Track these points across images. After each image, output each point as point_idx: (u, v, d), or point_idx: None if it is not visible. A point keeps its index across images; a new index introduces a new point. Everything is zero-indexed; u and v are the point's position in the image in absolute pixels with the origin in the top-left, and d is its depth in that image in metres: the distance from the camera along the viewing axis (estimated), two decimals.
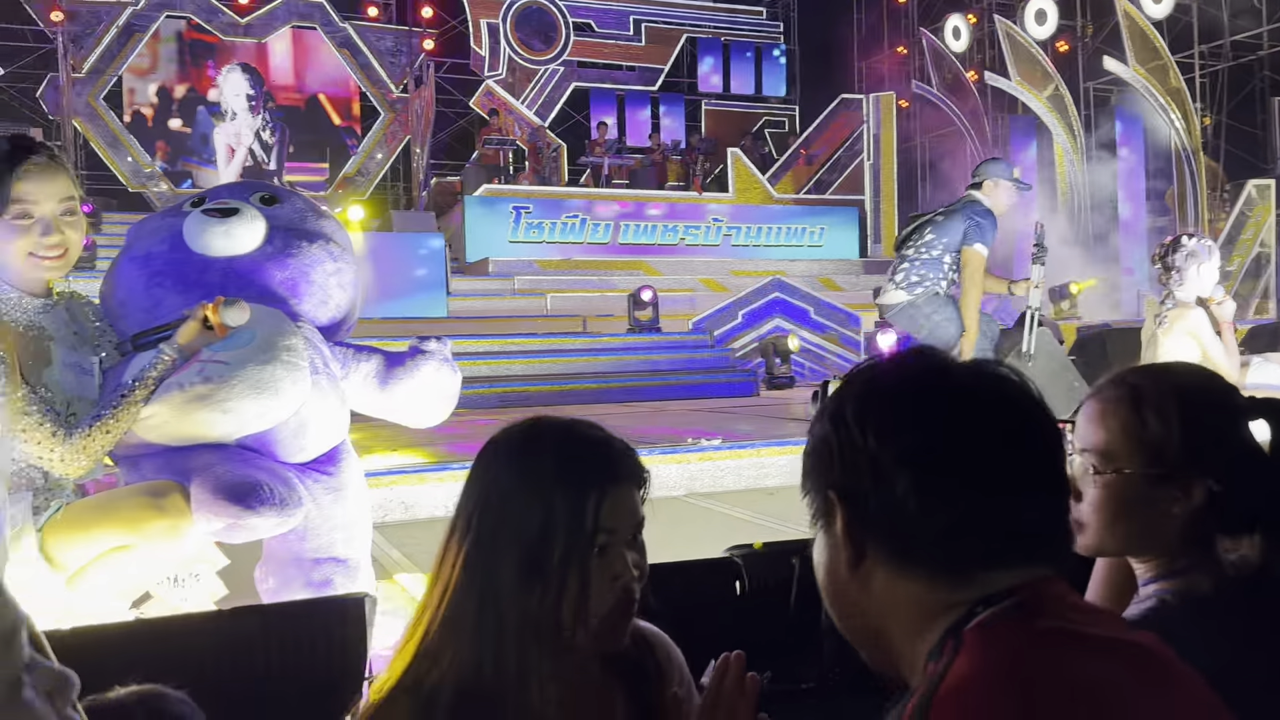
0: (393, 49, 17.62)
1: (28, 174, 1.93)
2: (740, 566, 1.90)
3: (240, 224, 2.32)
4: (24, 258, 1.96)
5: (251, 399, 2.07)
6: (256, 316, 2.12)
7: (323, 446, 2.31)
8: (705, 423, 6.23)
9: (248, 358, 2.07)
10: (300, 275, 2.34)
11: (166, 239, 2.32)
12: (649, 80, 19.08)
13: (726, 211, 15.44)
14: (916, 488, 0.76)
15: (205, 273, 2.28)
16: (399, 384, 2.45)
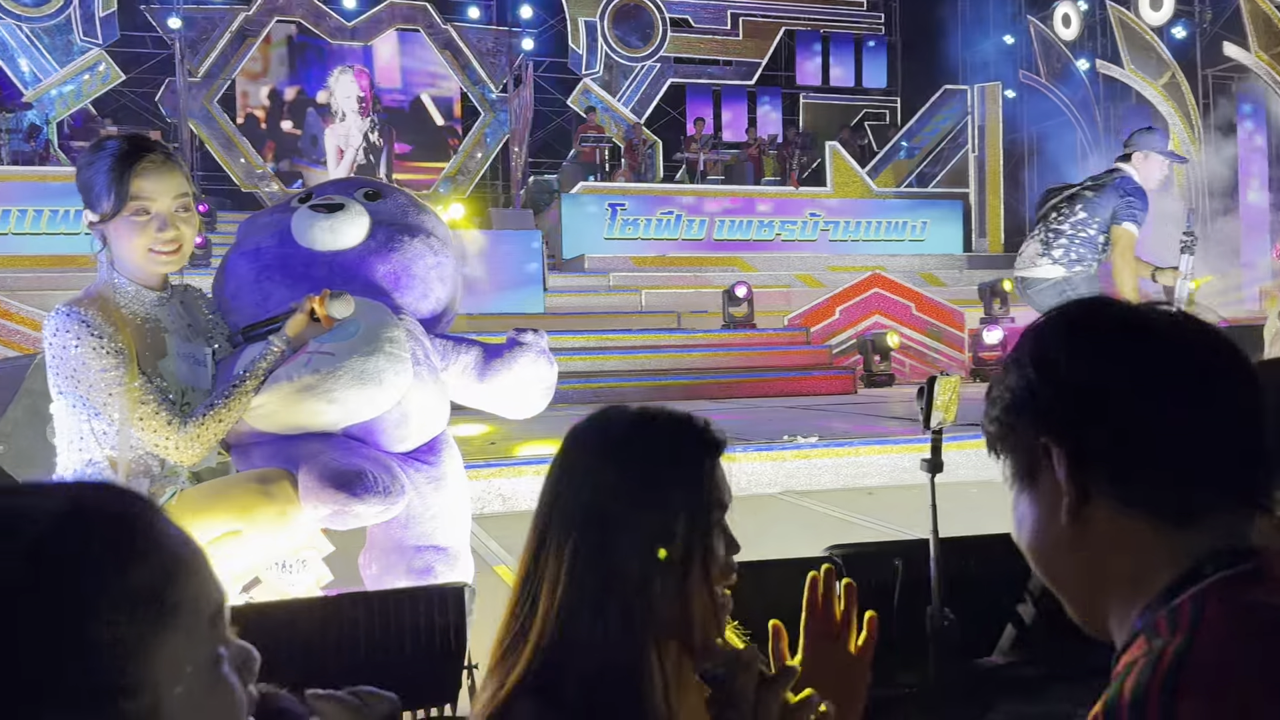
0: (493, 49, 17.87)
1: (144, 172, 1.99)
2: (840, 566, 1.86)
3: (345, 219, 2.37)
4: (143, 253, 2.02)
5: (356, 389, 2.12)
6: (360, 309, 2.16)
7: (424, 436, 2.34)
8: (801, 420, 6.14)
9: (352, 349, 2.12)
10: (402, 269, 2.38)
11: (275, 234, 2.39)
12: (746, 75, 18.94)
13: (824, 206, 15.23)
14: (1144, 420, 0.73)
15: (312, 266, 2.33)
16: (497, 376, 2.48)
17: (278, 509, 2.03)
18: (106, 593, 0.55)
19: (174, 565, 0.59)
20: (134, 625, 0.55)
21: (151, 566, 0.58)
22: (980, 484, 4.63)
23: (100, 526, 0.58)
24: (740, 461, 4.45)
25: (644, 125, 17.53)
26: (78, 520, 0.57)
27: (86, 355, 1.95)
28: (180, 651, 0.57)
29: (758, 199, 15.22)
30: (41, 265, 11.46)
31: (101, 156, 2.01)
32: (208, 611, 0.60)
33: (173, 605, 0.57)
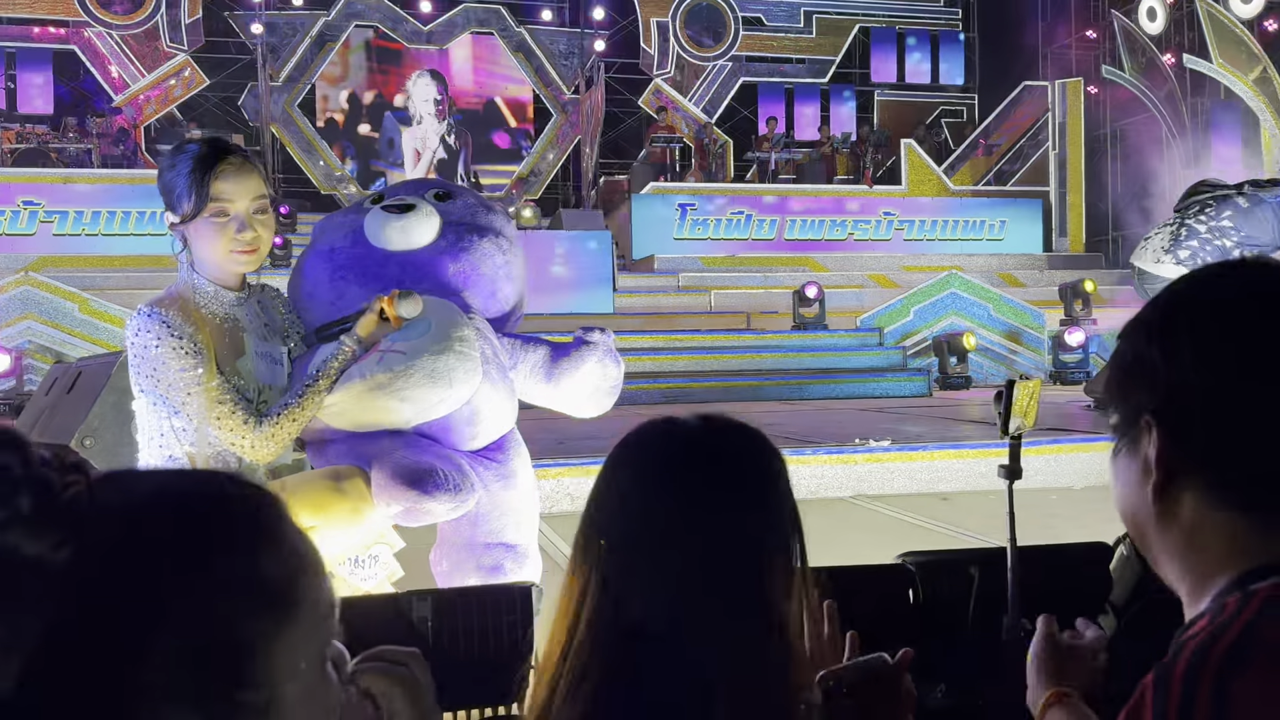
0: (565, 51, 17.98)
1: (223, 173, 2.02)
2: (914, 575, 1.81)
3: (416, 220, 2.40)
4: (222, 253, 2.05)
5: (428, 388, 2.14)
6: (431, 307, 2.19)
7: (493, 434, 2.36)
8: (874, 423, 6.05)
9: (423, 347, 2.14)
10: (471, 269, 2.41)
11: (349, 235, 2.43)
12: (819, 73, 18.76)
13: (899, 204, 15.00)
14: (1241, 417, 0.72)
15: (385, 266, 2.37)
16: (564, 376, 2.48)
17: (351, 505, 2.06)
18: (241, 585, 0.56)
19: (300, 562, 0.60)
20: (262, 619, 0.56)
21: (283, 561, 0.59)
22: (1060, 491, 4.51)
23: (238, 518, 0.58)
24: (811, 464, 4.39)
25: (715, 125, 17.46)
26: (220, 509, 0.58)
27: (166, 355, 1.99)
28: (298, 647, 0.58)
29: (830, 198, 15.06)
30: (129, 265, 11.84)
31: (182, 159, 2.05)
32: (323, 609, 0.61)
33: (296, 601, 0.58)
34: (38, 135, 14.20)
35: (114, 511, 0.56)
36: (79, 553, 0.53)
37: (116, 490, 0.58)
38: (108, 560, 0.54)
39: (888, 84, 19.03)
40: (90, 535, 0.54)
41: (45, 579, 0.52)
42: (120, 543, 0.55)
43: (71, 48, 16.04)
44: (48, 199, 12.43)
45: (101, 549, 0.54)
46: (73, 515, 0.54)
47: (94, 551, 0.54)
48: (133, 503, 0.57)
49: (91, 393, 4.15)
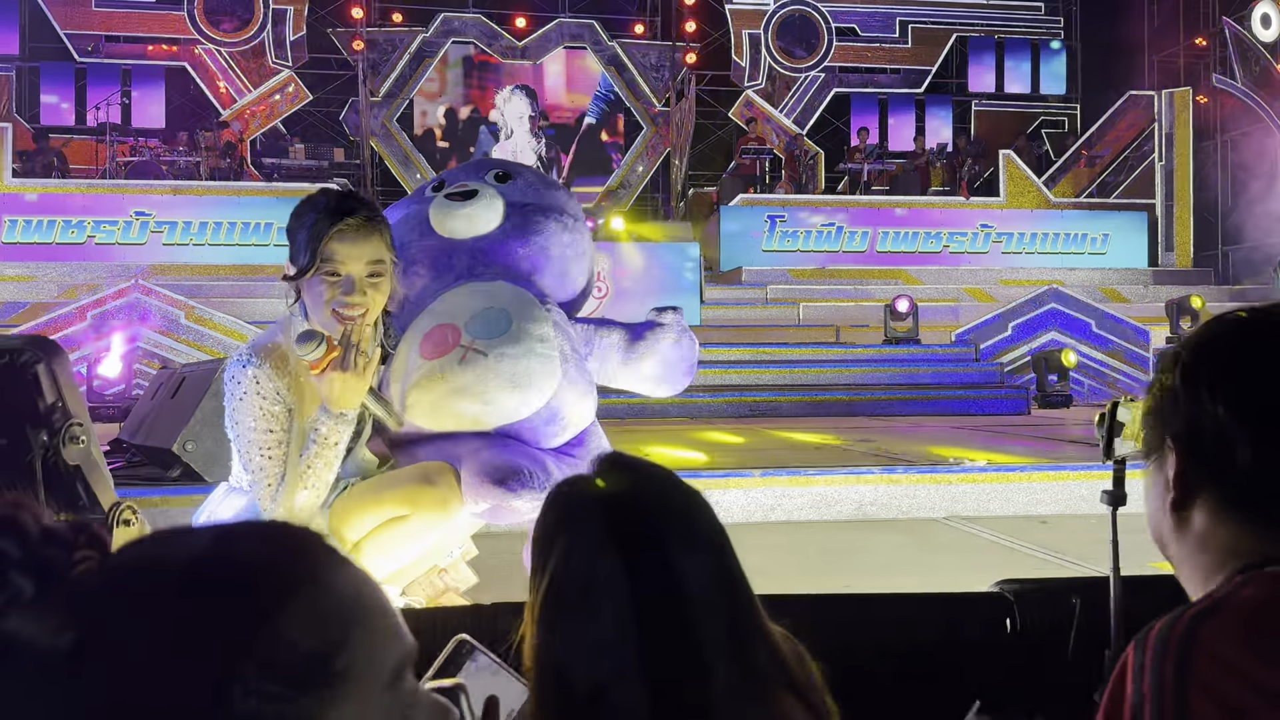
0: (656, 64, 18.05)
1: (340, 234, 2.00)
2: (1011, 603, 1.73)
3: (480, 206, 2.40)
4: (327, 313, 2.04)
5: (508, 392, 2.15)
6: (507, 296, 2.19)
7: (573, 431, 2.35)
8: (969, 441, 5.88)
9: (503, 349, 2.15)
10: (540, 251, 2.41)
11: (416, 227, 2.44)
12: (914, 83, 18.45)
13: (996, 217, 14.64)
14: (1257, 447, 0.82)
15: (454, 256, 2.38)
16: (640, 359, 2.47)
17: (440, 495, 2.09)
18: (266, 661, 0.49)
19: (344, 626, 0.52)
20: (294, 698, 0.49)
21: (318, 629, 0.51)
22: None
23: (267, 580, 0.51)
24: (902, 484, 4.27)
25: (806, 136, 17.31)
26: (244, 573, 0.51)
27: (245, 411, 2.03)
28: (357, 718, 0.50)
29: (924, 209, 14.78)
30: (234, 274, 12.25)
31: (308, 212, 2.04)
32: (384, 673, 0.53)
33: (341, 672, 0.50)
34: (150, 149, 14.81)
35: (125, 592, 0.50)
36: (84, 638, 0.48)
37: (134, 566, 0.52)
38: (114, 648, 0.48)
39: (986, 94, 18.62)
40: (96, 619, 0.49)
41: (48, 667, 0.47)
42: (129, 628, 0.48)
43: (183, 64, 16.71)
44: (158, 210, 12.96)
45: (108, 635, 0.48)
46: (79, 597, 0.49)
47: (100, 637, 0.48)
48: (148, 580, 0.51)
49: (194, 398, 4.29)
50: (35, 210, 12.73)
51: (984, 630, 1.72)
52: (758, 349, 10.29)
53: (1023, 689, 1.72)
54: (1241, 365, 0.85)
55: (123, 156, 14.70)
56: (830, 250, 14.24)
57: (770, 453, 5.46)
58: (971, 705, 1.71)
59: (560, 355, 2.24)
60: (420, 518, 2.11)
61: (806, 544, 3.80)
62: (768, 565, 3.36)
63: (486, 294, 2.27)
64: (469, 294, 2.28)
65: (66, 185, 13.46)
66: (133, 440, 4.76)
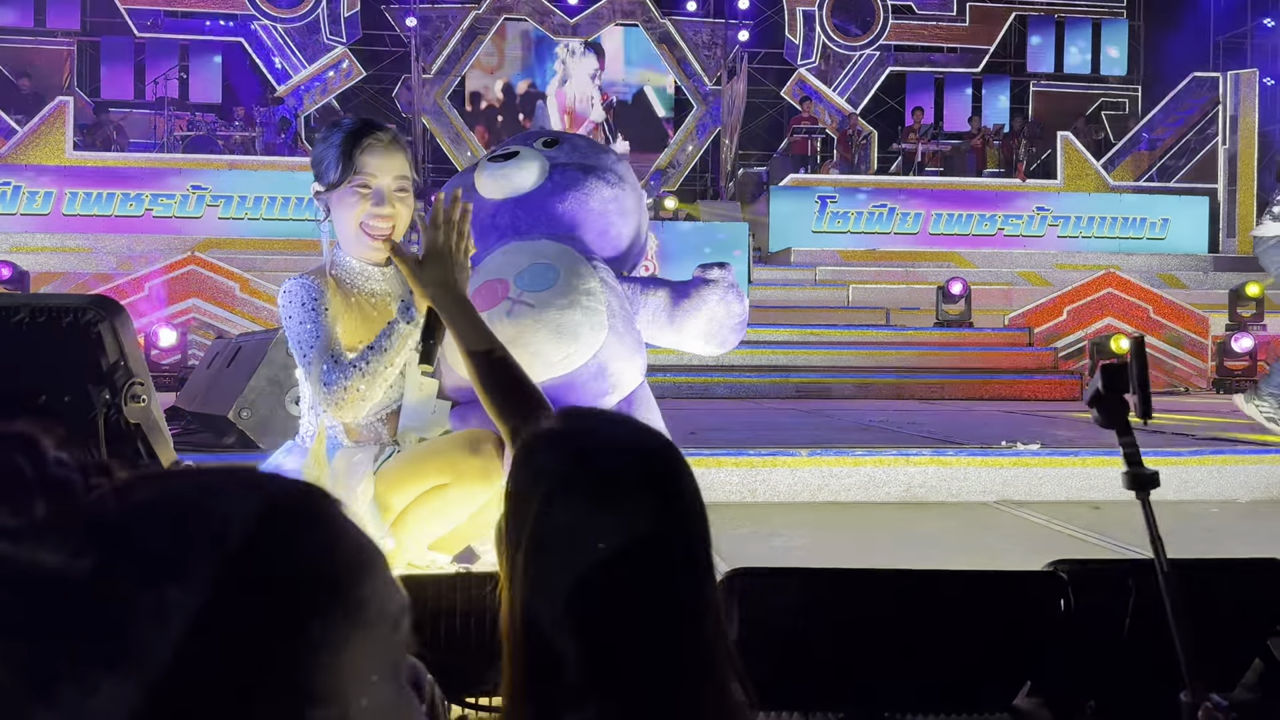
0: (708, 42, 17.92)
1: (370, 148, 2.09)
2: (1066, 583, 1.70)
3: (515, 165, 2.41)
4: (355, 226, 2.11)
5: (554, 343, 2.15)
6: (554, 253, 2.19)
7: (625, 388, 2.34)
8: (1021, 425, 5.80)
9: (549, 300, 2.14)
10: (579, 204, 2.39)
11: (463, 192, 2.46)
12: (972, 62, 18.12)
13: (1053, 200, 14.37)
14: None
15: (497, 215, 2.39)
16: (688, 316, 2.45)
17: (481, 463, 2.09)
18: (297, 584, 0.50)
19: (360, 563, 0.54)
20: (321, 621, 0.50)
21: (343, 559, 0.53)
22: (1222, 504, 4.22)
23: (290, 522, 0.53)
24: (953, 466, 4.22)
25: (860, 115, 17.11)
26: (269, 514, 0.52)
27: (296, 313, 2.07)
28: (366, 656, 0.52)
29: (979, 191, 14.54)
30: (287, 249, 12.41)
31: (334, 132, 2.14)
32: (390, 616, 0.55)
33: (359, 602, 0.52)
34: (206, 124, 15.04)
35: (144, 514, 0.50)
36: (102, 562, 0.48)
37: (149, 491, 0.52)
38: (135, 569, 0.48)
39: (1044, 74, 18.25)
40: (116, 542, 0.48)
41: (67, 593, 0.47)
42: (143, 548, 0.48)
43: (239, 40, 16.92)
44: (214, 184, 13.15)
45: (124, 554, 0.48)
46: (96, 521, 0.49)
47: (121, 559, 0.48)
48: (164, 504, 0.51)
49: (249, 367, 4.35)
50: (95, 183, 12.98)
51: (1037, 610, 1.70)
52: (806, 330, 10.22)
53: (1076, 670, 1.69)
54: None
55: (180, 131, 14.94)
56: (882, 232, 14.08)
57: (817, 432, 5.43)
58: (1023, 685, 1.69)
59: (608, 309, 2.23)
60: (461, 487, 2.12)
61: (854, 523, 3.78)
62: (815, 543, 3.34)
63: (531, 250, 2.28)
64: (515, 251, 2.29)
65: (126, 159, 13.72)
66: (189, 408, 4.85)
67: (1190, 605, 1.80)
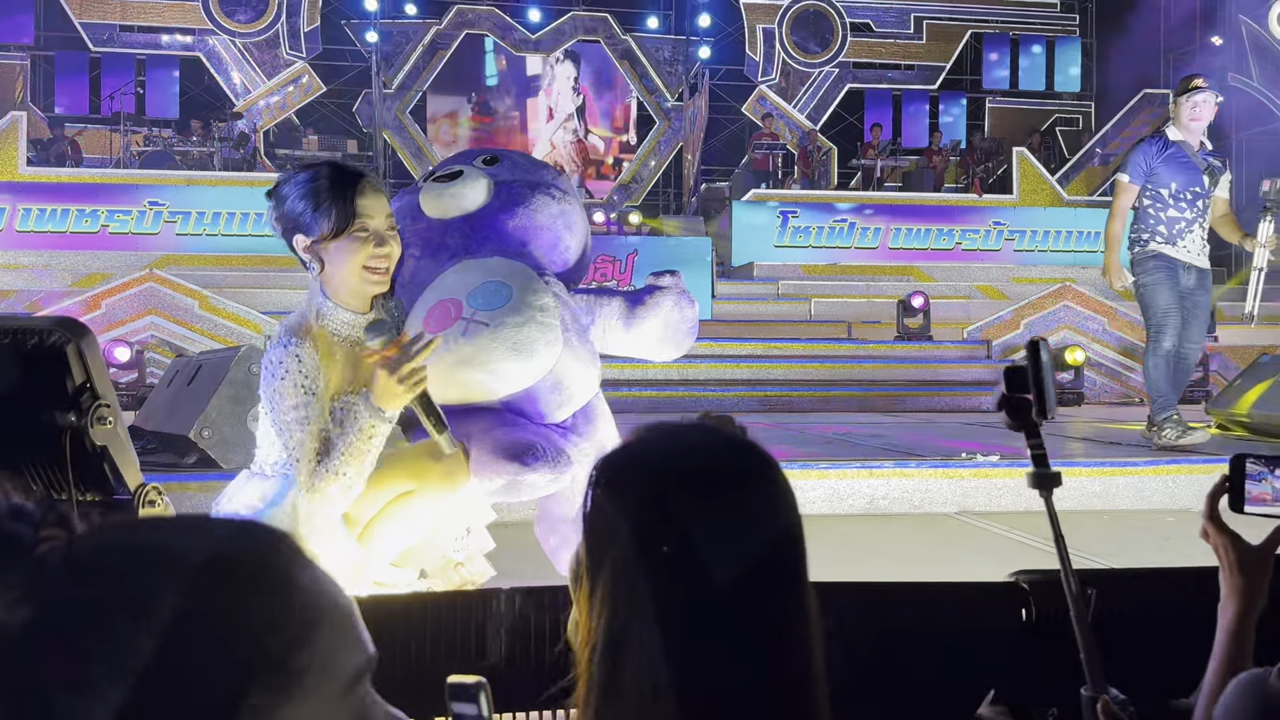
0: (670, 58, 18.04)
1: (363, 191, 2.07)
2: (1027, 593, 1.74)
3: (462, 185, 2.44)
4: (357, 271, 2.08)
5: (511, 360, 2.18)
6: (506, 271, 2.24)
7: (578, 401, 2.39)
8: (981, 436, 5.88)
9: (504, 318, 2.17)
10: (528, 221, 2.43)
11: (409, 214, 2.49)
12: (929, 79, 18.39)
13: (1009, 214, 14.60)
14: None
15: (446, 235, 2.41)
16: (643, 323, 2.52)
17: (445, 469, 2.12)
18: (235, 653, 0.50)
19: (306, 625, 0.53)
20: (257, 692, 0.50)
21: (282, 630, 0.52)
22: (1177, 512, 4.31)
23: (235, 582, 0.52)
24: (915, 478, 4.28)
25: (820, 131, 17.29)
26: (214, 575, 0.52)
27: (287, 389, 2.03)
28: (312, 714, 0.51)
29: (937, 206, 14.74)
30: (247, 264, 12.29)
31: (315, 181, 2.07)
32: (343, 677, 0.54)
33: (297, 671, 0.51)
34: (164, 139, 14.87)
35: (84, 569, 0.51)
36: (38, 617, 0.48)
37: (97, 546, 0.52)
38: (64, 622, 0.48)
39: (1000, 91, 18.56)
40: (54, 595, 0.49)
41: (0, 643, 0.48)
42: (80, 604, 0.49)
43: (197, 55, 16.76)
44: (171, 200, 13.00)
45: (63, 610, 0.49)
46: (39, 575, 0.50)
47: (54, 612, 0.49)
48: (110, 560, 0.51)
49: (210, 386, 4.31)
50: (50, 199, 12.79)
51: (1000, 620, 1.73)
52: (770, 344, 10.29)
53: (1038, 679, 1.73)
54: None
55: (136, 146, 14.76)
56: (843, 246, 14.21)
57: (782, 445, 5.47)
58: (986, 694, 1.72)
59: (561, 324, 2.26)
60: (426, 492, 2.14)
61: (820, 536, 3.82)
62: None
63: (483, 269, 2.30)
64: (466, 270, 2.31)
65: (80, 174, 13.51)
66: (149, 427, 4.79)
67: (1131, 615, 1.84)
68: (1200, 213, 5.24)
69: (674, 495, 0.84)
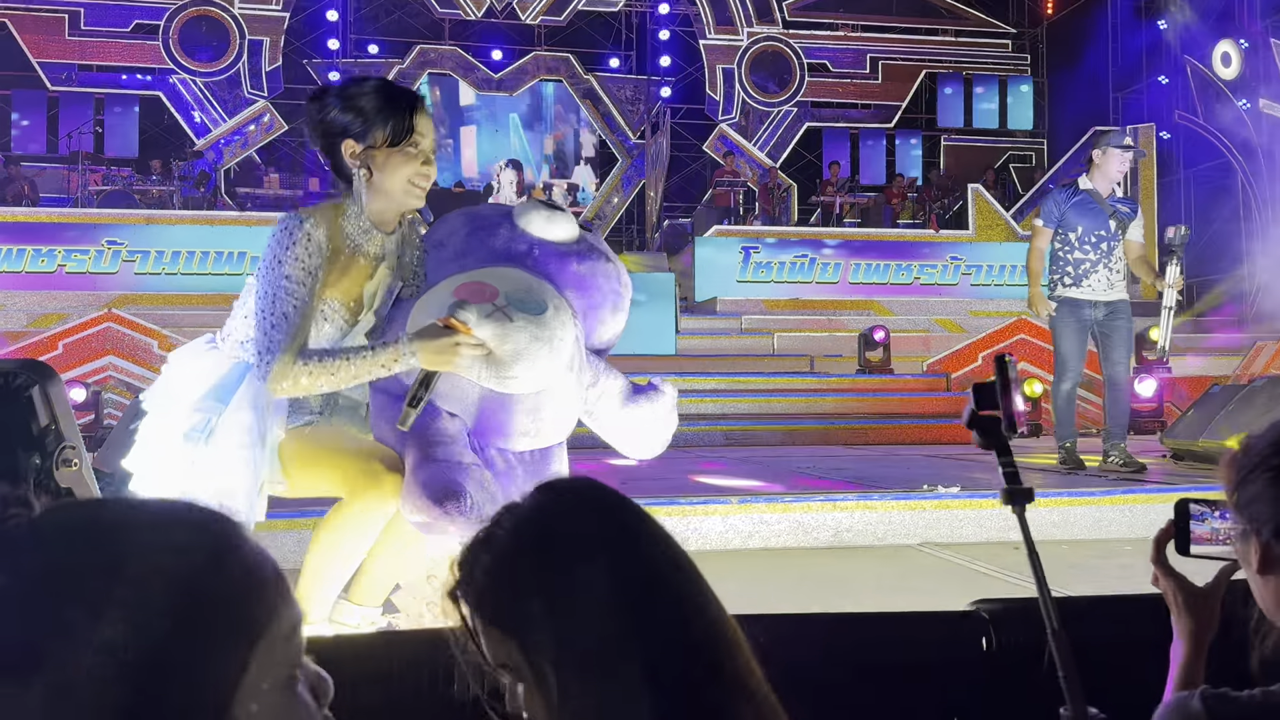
0: (632, 97, 18.24)
1: (419, 110, 2.20)
2: (988, 622, 1.77)
3: (564, 217, 2.52)
4: (403, 183, 2.19)
5: (510, 360, 2.20)
6: (552, 296, 2.28)
7: (543, 441, 2.41)
8: (941, 469, 5.95)
9: (526, 325, 2.19)
10: (591, 276, 2.49)
11: (497, 210, 2.58)
12: (885, 117, 18.74)
13: (965, 249, 14.85)
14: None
15: (515, 242, 2.45)
16: (638, 409, 2.58)
17: (378, 494, 2.15)
18: (188, 607, 0.56)
19: (251, 581, 0.60)
20: (221, 640, 0.56)
21: (230, 581, 0.59)
22: (1135, 541, 4.38)
23: (191, 547, 0.59)
24: (878, 510, 4.33)
25: (780, 169, 17.52)
26: (171, 541, 0.58)
27: (289, 259, 2.09)
28: (258, 667, 0.58)
29: (896, 241, 14.96)
30: (207, 304, 12.17)
31: (375, 92, 2.18)
32: (284, 630, 0.60)
33: (252, 619, 0.58)
34: (122, 177, 14.75)
35: (50, 539, 0.57)
36: (11, 580, 0.55)
37: (59, 521, 0.59)
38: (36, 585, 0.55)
39: (955, 129, 18.94)
40: (24, 562, 0.55)
41: None
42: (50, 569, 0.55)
43: (157, 94, 16.69)
44: (130, 239, 12.88)
45: (33, 575, 0.55)
46: (8, 544, 0.56)
47: (25, 577, 0.55)
48: (75, 531, 0.58)
49: None
50: (5, 238, 12.63)
51: (961, 649, 1.76)
52: (733, 378, 10.35)
53: (999, 706, 1.75)
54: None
55: (95, 185, 14.63)
56: (804, 281, 14.37)
57: (746, 480, 5.50)
58: None
59: (570, 362, 2.30)
60: (357, 506, 2.15)
61: (785, 569, 3.84)
62: (748, 590, 3.38)
63: (533, 284, 2.33)
64: (518, 276, 2.36)
65: (37, 214, 13.36)
66: (108, 468, 4.73)
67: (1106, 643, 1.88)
68: (1105, 254, 5.72)
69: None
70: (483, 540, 0.88)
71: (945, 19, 18.89)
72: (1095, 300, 5.74)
